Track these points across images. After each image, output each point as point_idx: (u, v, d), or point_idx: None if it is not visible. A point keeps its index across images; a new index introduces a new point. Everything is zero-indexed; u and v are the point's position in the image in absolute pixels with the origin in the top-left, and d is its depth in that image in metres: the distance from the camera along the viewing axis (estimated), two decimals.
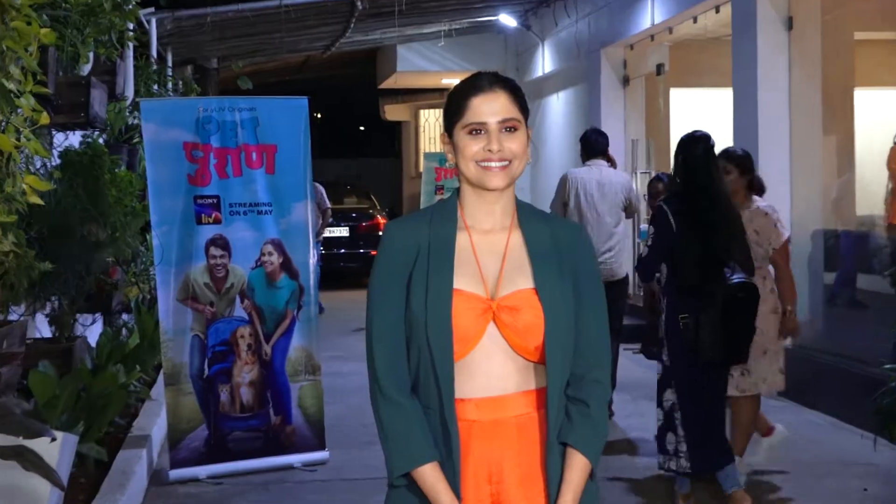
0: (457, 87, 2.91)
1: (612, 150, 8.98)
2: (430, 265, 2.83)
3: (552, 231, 2.92)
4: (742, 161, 6.59)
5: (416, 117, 26.28)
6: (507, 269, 2.86)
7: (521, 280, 2.86)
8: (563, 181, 8.77)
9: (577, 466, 2.82)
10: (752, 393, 6.62)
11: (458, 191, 2.96)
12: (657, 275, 6.57)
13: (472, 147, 2.83)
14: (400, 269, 2.85)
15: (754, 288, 5.99)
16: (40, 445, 4.46)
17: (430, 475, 2.78)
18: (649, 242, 6.20)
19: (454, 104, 2.86)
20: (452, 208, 2.93)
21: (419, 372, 2.83)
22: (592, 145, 8.74)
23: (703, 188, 6.04)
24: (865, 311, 7.42)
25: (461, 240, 2.89)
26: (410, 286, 2.83)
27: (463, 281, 2.83)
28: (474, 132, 2.83)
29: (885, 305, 7.73)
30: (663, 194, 7.48)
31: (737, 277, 5.94)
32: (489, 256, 2.87)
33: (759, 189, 6.80)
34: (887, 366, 6.56)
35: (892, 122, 10.58)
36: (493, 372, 2.82)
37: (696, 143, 6.12)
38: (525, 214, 2.95)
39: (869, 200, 10.69)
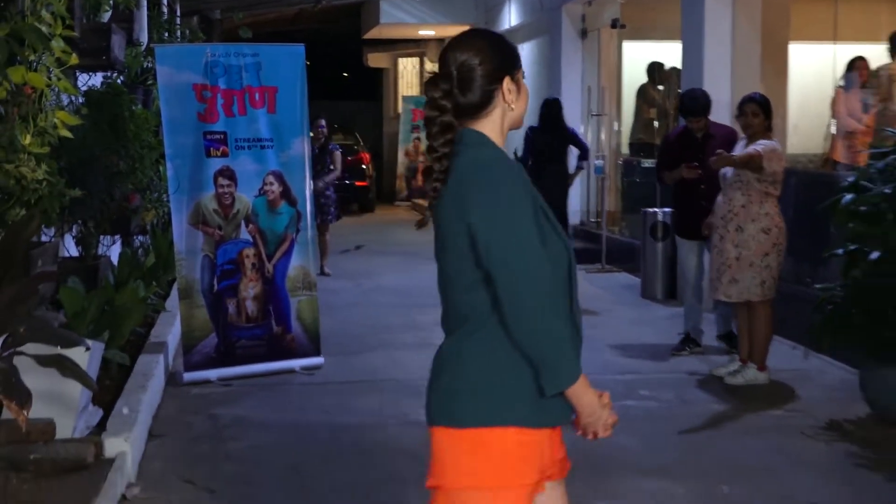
0: (507, 40, 3.07)
1: (569, 97, 9.02)
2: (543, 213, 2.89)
3: None
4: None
5: (396, 65, 26.23)
6: None
7: None
8: None
9: None
10: (741, 300, 6.86)
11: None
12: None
13: (525, 89, 3.05)
14: (535, 205, 2.84)
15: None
16: (73, 353, 4.57)
17: (582, 383, 2.81)
18: None
19: (516, 53, 3.04)
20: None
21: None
22: None
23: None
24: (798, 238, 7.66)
25: None
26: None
27: None
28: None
29: (814, 232, 7.94)
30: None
31: None
32: None
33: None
34: (818, 286, 6.73)
35: (821, 73, 10.79)
36: None
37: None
38: None
39: (797, 140, 10.99)
